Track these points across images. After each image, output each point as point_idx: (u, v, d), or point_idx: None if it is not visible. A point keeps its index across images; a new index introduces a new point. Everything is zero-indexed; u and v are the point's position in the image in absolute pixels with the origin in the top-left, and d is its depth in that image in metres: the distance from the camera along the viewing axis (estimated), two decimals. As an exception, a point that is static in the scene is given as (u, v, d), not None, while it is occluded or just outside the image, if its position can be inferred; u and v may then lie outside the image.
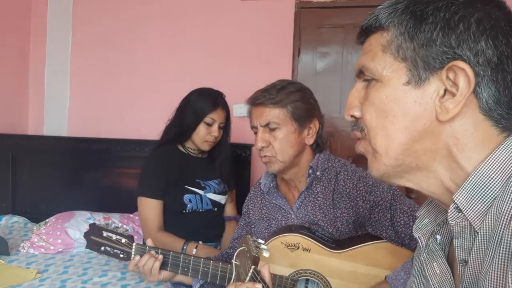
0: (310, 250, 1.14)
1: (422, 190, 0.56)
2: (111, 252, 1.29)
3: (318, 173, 1.23)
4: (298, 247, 1.14)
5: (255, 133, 1.24)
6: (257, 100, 1.21)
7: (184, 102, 1.78)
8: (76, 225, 2.00)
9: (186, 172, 1.75)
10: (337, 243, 1.16)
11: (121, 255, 1.28)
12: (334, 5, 2.59)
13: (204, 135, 1.72)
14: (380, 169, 0.56)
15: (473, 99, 0.49)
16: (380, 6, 0.55)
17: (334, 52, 2.64)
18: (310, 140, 1.24)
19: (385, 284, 1.04)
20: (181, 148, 1.81)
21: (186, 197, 1.72)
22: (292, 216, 1.27)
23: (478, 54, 0.48)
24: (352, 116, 0.59)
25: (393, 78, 0.53)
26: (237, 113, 2.59)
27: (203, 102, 1.73)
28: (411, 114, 0.52)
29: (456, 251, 0.52)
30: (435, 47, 0.50)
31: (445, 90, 0.50)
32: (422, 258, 0.61)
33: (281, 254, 1.16)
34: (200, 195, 1.76)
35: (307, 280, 1.20)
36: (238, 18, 2.68)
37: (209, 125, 1.72)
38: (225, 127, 1.81)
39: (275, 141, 1.20)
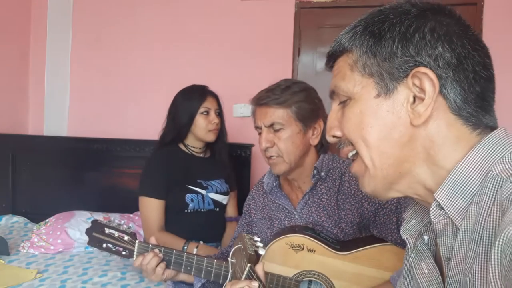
0: (315, 251, 1.13)
1: (408, 195, 0.59)
2: (113, 249, 1.28)
3: (322, 173, 1.23)
4: (303, 248, 1.14)
5: (259, 133, 1.24)
6: (261, 101, 1.20)
7: (172, 108, 1.81)
8: (76, 225, 1.99)
9: (188, 171, 1.75)
10: (342, 244, 1.16)
11: (124, 253, 1.27)
12: (334, 5, 2.59)
13: (205, 126, 1.74)
14: (370, 183, 0.58)
15: (442, 100, 0.52)
16: (341, 33, 0.60)
17: (334, 52, 2.63)
18: (315, 141, 1.24)
19: (388, 285, 1.04)
20: (183, 147, 1.81)
21: (188, 196, 1.72)
22: (296, 216, 1.27)
23: (438, 59, 0.52)
24: (334, 136, 0.62)
25: (364, 93, 0.56)
26: (237, 113, 2.60)
27: (191, 97, 1.77)
28: (387, 124, 0.54)
29: (441, 249, 0.54)
30: (396, 59, 0.53)
31: (414, 97, 0.53)
32: (411, 259, 0.62)
33: (286, 255, 1.15)
34: (202, 195, 1.76)
35: (310, 281, 1.19)
36: (238, 18, 2.68)
37: (206, 114, 1.75)
38: (221, 115, 1.83)
39: (280, 142, 1.19)
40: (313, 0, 2.61)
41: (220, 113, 1.83)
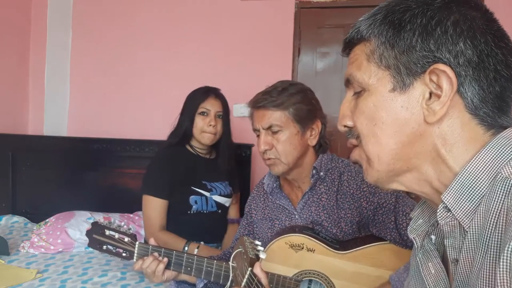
0: (314, 250, 1.14)
1: (414, 191, 0.57)
2: (114, 251, 1.28)
3: (321, 173, 1.23)
4: (303, 248, 1.14)
5: (258, 136, 1.24)
6: (259, 103, 1.21)
7: (183, 105, 1.80)
8: (76, 225, 1.99)
9: (193, 173, 1.75)
10: (341, 244, 1.16)
11: (124, 254, 1.27)
12: (334, 5, 2.59)
13: (201, 126, 1.71)
14: (374, 175, 0.58)
15: (459, 99, 0.50)
16: (360, 18, 0.57)
17: (334, 52, 2.63)
18: (313, 141, 1.24)
19: (388, 285, 1.04)
20: (189, 148, 1.80)
21: (192, 198, 1.72)
22: (296, 216, 1.27)
23: (458, 56, 0.49)
24: (345, 126, 0.61)
25: (379, 86, 0.54)
26: (237, 113, 2.59)
27: (194, 97, 1.75)
28: (400, 119, 0.53)
29: (448, 251, 0.53)
30: (415, 53, 0.51)
31: (430, 93, 0.51)
32: (418, 259, 0.62)
33: (286, 254, 1.15)
34: (206, 197, 1.75)
35: (310, 280, 1.20)
36: (238, 18, 2.68)
37: (205, 115, 1.72)
38: (224, 118, 1.78)
39: (278, 144, 1.20)
40: (313, 0, 2.61)
41: (223, 117, 1.78)
